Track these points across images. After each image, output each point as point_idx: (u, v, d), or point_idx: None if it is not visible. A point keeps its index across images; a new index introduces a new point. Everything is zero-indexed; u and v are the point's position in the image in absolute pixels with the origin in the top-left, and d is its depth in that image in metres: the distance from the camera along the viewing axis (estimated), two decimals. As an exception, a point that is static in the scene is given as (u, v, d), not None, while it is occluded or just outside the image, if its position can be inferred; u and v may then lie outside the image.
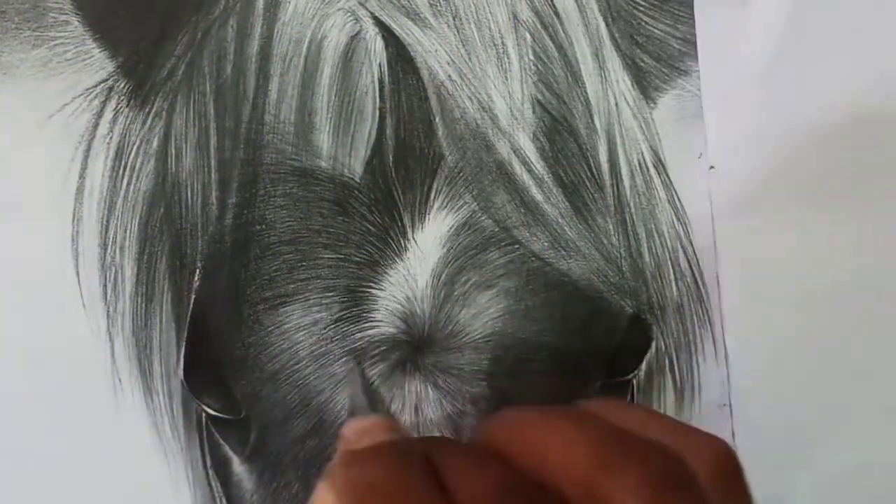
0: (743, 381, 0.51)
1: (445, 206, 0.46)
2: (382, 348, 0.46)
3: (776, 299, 0.51)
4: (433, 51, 0.45)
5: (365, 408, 0.45)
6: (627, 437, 0.32)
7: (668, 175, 0.49)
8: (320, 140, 0.46)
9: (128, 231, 0.47)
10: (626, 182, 0.48)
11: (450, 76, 0.45)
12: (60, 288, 0.47)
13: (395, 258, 0.46)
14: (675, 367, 0.50)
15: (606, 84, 0.47)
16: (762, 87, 0.49)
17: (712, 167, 0.49)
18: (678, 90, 0.48)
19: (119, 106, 0.46)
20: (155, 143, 0.47)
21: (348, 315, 0.46)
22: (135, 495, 0.49)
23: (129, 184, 0.47)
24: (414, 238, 0.46)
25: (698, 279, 0.50)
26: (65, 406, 0.48)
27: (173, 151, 0.47)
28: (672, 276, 0.50)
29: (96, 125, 0.46)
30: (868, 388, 0.53)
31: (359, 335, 0.46)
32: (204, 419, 0.49)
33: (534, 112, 0.46)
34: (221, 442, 0.49)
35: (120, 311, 0.48)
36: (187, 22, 0.46)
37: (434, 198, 0.46)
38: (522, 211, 0.46)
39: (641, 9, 0.48)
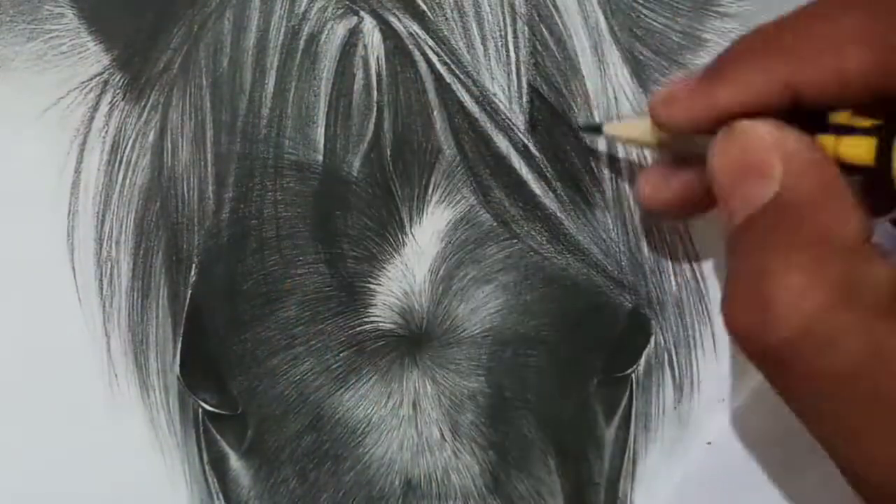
0: (741, 377, 0.51)
1: (444, 201, 0.46)
2: (380, 343, 0.46)
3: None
4: (431, 44, 0.45)
5: None
6: None
7: (667, 169, 0.49)
8: (317, 134, 0.45)
9: (124, 226, 0.47)
10: (626, 176, 0.48)
11: (448, 69, 0.45)
12: (55, 283, 0.47)
13: (393, 253, 0.46)
14: (674, 362, 0.50)
15: (605, 77, 0.47)
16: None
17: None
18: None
19: (115, 99, 0.46)
20: (151, 137, 0.46)
21: (346, 310, 0.46)
22: (131, 491, 0.49)
23: (124, 178, 0.47)
24: (412, 233, 0.46)
25: (697, 274, 0.50)
26: (60, 402, 0.48)
27: (169, 145, 0.46)
28: (671, 271, 0.50)
29: (92, 119, 0.46)
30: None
31: (356, 330, 0.46)
32: (200, 415, 0.49)
33: (533, 105, 0.46)
34: (218, 437, 0.49)
35: (116, 306, 0.48)
36: (183, 15, 0.45)
37: (432, 192, 0.46)
38: (521, 205, 0.46)
39: (640, 1, 0.47)
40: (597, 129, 0.45)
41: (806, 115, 0.36)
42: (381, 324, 0.46)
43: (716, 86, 0.36)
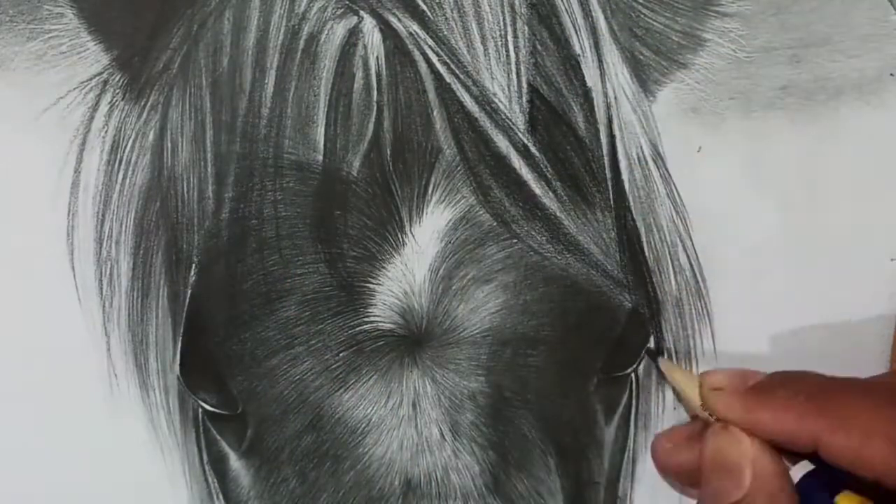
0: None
1: (443, 200, 0.46)
2: (380, 343, 0.46)
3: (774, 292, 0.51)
4: (431, 43, 0.45)
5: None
6: None
7: (666, 169, 0.49)
8: (317, 134, 0.45)
9: (123, 225, 0.47)
10: (625, 176, 0.48)
11: (448, 69, 0.45)
12: (55, 283, 0.47)
13: (393, 253, 0.46)
14: (674, 362, 0.50)
15: (605, 77, 0.47)
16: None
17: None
18: (677, 83, 0.48)
19: (114, 99, 0.46)
20: (151, 137, 0.46)
21: (345, 310, 0.46)
22: (131, 492, 0.49)
23: (124, 178, 0.47)
24: (412, 232, 0.46)
25: (697, 274, 0.50)
26: (61, 402, 0.48)
27: (169, 145, 0.46)
28: (671, 271, 0.50)
29: (91, 118, 0.46)
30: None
31: (356, 330, 0.46)
32: (200, 415, 0.49)
33: (532, 105, 0.46)
34: (218, 437, 0.49)
35: (116, 306, 0.48)
36: (183, 14, 0.45)
37: (432, 192, 0.46)
38: (521, 205, 0.46)
39: (640, 1, 0.47)
40: (653, 357, 0.50)
41: None
42: (380, 324, 0.46)
43: (759, 409, 0.43)
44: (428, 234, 0.46)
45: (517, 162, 0.46)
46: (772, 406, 0.43)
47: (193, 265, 0.47)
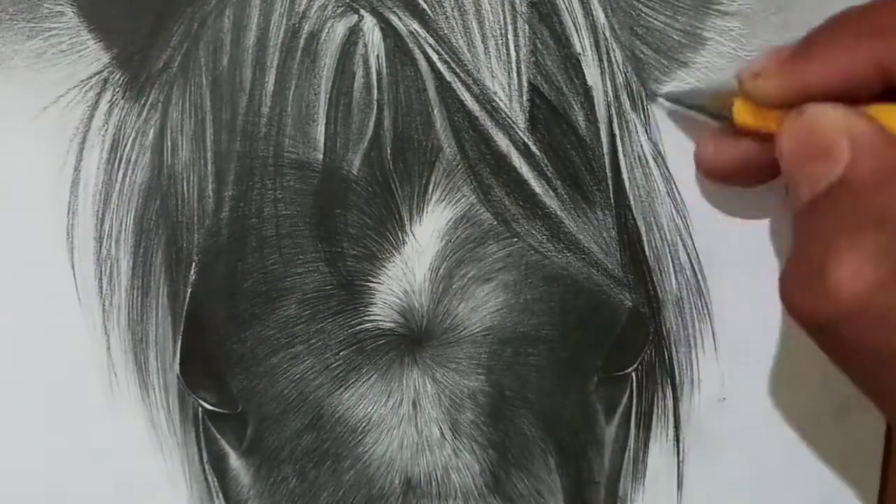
0: (742, 376, 0.51)
1: (444, 199, 0.46)
2: (380, 342, 0.46)
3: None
4: (432, 42, 0.45)
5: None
6: None
7: (667, 167, 0.49)
8: (317, 132, 0.45)
9: (123, 224, 0.47)
10: (626, 174, 0.48)
11: (448, 67, 0.45)
12: (55, 282, 0.47)
13: (393, 252, 0.46)
14: (675, 361, 0.50)
15: (606, 75, 0.47)
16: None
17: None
18: (678, 82, 0.48)
19: (114, 98, 0.46)
20: (151, 136, 0.46)
21: (346, 309, 0.46)
22: (131, 491, 0.49)
23: (124, 176, 0.47)
24: (412, 231, 0.46)
25: (698, 273, 0.50)
26: (60, 401, 0.48)
27: (169, 144, 0.46)
28: (671, 270, 0.50)
29: (91, 117, 0.46)
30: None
31: (356, 329, 0.46)
32: (200, 414, 0.49)
33: (533, 103, 0.46)
34: (218, 437, 0.49)
35: (115, 304, 0.48)
36: (183, 13, 0.45)
37: (432, 190, 0.46)
38: (521, 204, 0.46)
39: (641, 0, 0.47)
40: (676, 100, 0.47)
41: None
42: (381, 322, 0.46)
43: (806, 63, 0.37)
44: (428, 232, 0.46)
45: (517, 161, 0.46)
46: (819, 53, 0.37)
47: (193, 264, 0.47)
